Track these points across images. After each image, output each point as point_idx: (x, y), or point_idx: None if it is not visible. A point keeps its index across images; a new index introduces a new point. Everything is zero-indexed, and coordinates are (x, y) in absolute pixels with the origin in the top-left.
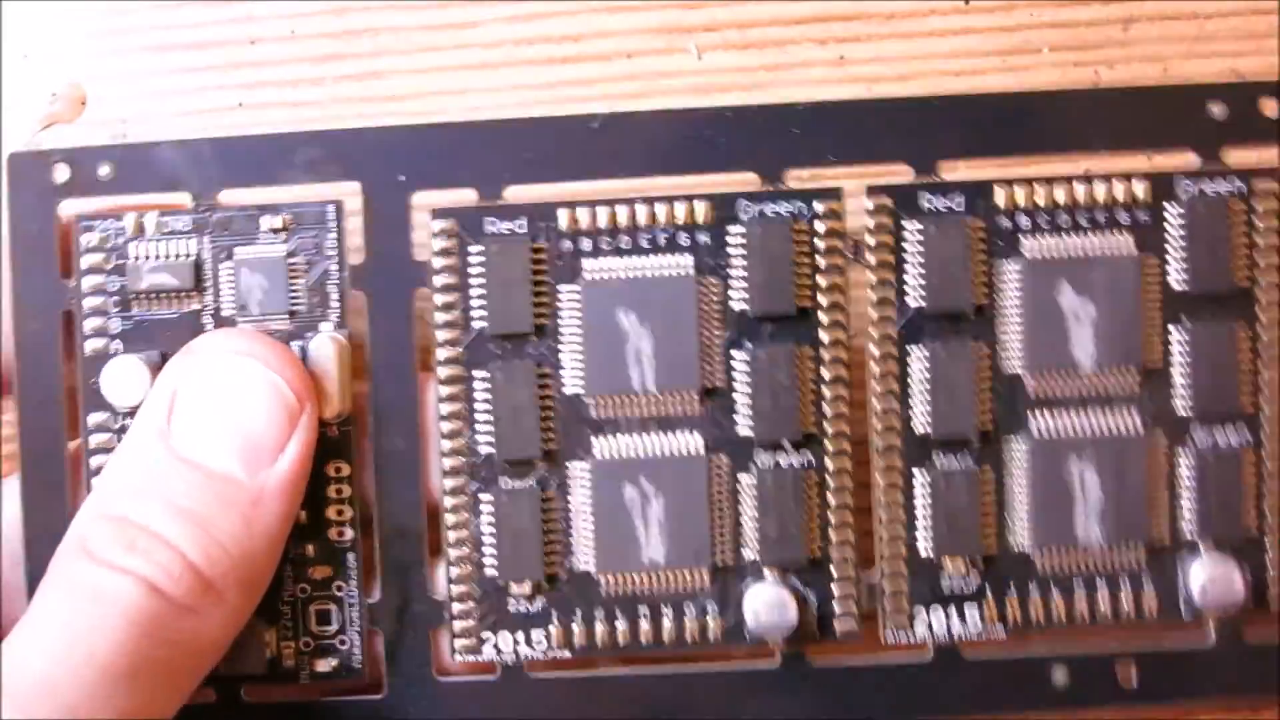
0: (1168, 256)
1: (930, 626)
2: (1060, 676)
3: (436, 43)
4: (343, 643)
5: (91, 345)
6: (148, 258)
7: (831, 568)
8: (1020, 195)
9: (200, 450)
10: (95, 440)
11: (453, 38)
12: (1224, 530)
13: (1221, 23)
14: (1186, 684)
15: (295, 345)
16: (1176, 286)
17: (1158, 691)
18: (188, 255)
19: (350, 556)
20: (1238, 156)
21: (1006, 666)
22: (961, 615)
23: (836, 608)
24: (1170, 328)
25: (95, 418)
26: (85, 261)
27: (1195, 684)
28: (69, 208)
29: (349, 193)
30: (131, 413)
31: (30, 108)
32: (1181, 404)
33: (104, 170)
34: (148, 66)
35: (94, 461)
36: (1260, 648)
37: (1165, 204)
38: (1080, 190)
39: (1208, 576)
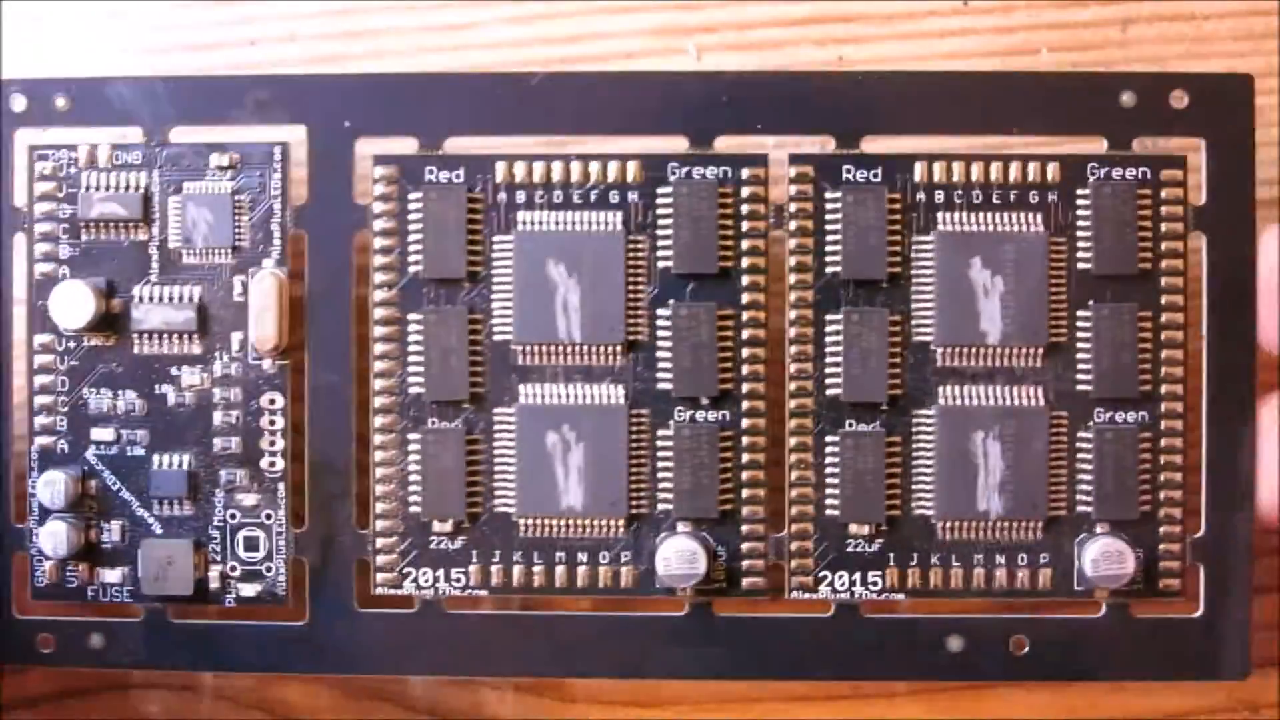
0: (1076, 238)
1: (833, 587)
2: (955, 644)
3: (436, 44)
4: (268, 569)
5: (41, 269)
6: (99, 187)
7: (742, 524)
8: (938, 171)
9: None
10: (39, 360)
11: (452, 39)
12: (1118, 508)
13: (1221, 23)
14: (1076, 658)
15: (238, 280)
16: (1083, 267)
17: (1047, 664)
18: (138, 187)
19: (280, 486)
20: (1146, 146)
21: (903, 629)
22: (864, 578)
23: (744, 563)
24: (1075, 308)
25: (40, 339)
26: (38, 189)
27: (1084, 659)
28: (24, 137)
29: (295, 136)
30: (77, 335)
31: None
32: (1083, 383)
33: (60, 102)
34: (148, 68)
35: (37, 380)
36: (1147, 623)
37: (1075, 188)
38: (995, 169)
39: (1100, 552)
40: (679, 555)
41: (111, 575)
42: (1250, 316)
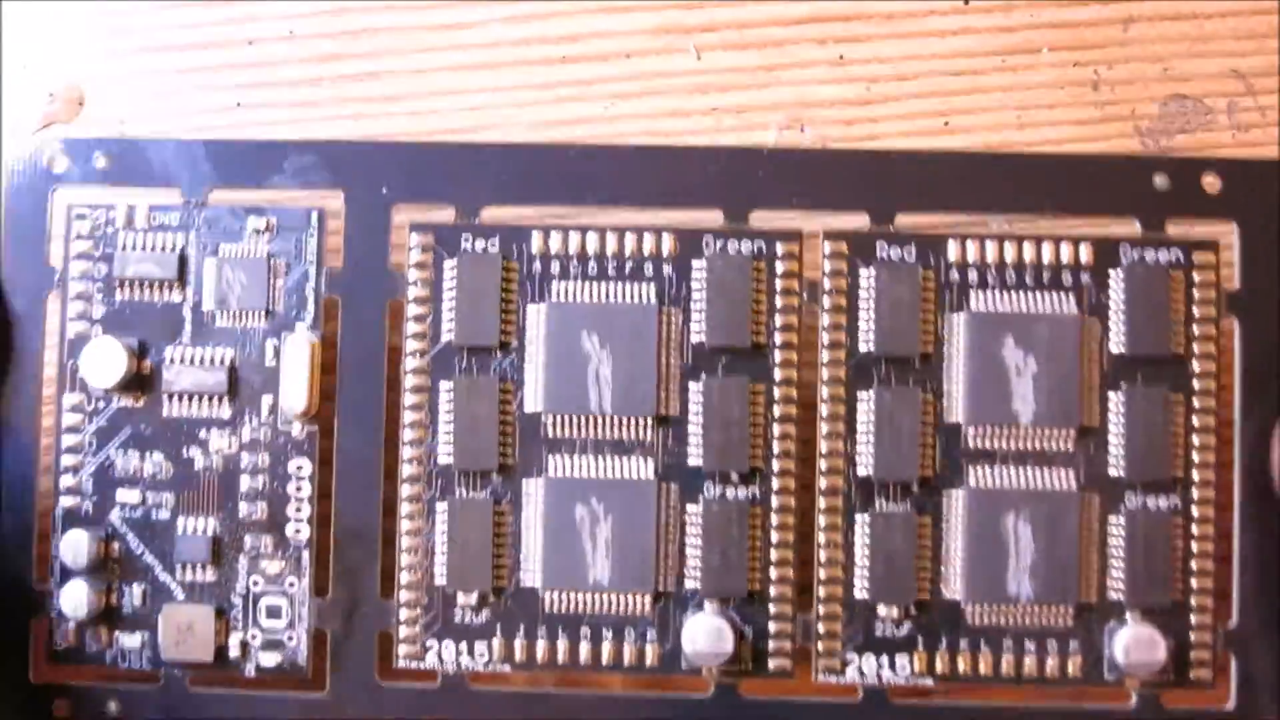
0: (1109, 320)
1: (861, 670)
2: None
3: (434, 43)
4: (290, 639)
5: (74, 329)
6: (135, 247)
7: (770, 604)
8: (971, 250)
9: None
10: (68, 420)
11: (451, 38)
12: (1150, 596)
13: (1221, 23)
14: None
15: (270, 343)
16: (1116, 350)
17: None
18: (174, 248)
19: (305, 554)
20: (1180, 229)
21: (932, 717)
22: (892, 663)
23: (771, 644)
24: (1108, 390)
25: (69, 399)
26: (75, 248)
27: None
28: (64, 196)
29: (333, 201)
30: (107, 395)
31: (29, 108)
32: (1115, 467)
33: (100, 161)
34: (146, 67)
35: (65, 441)
36: (1178, 715)
37: (1108, 269)
38: (1028, 249)
39: (1132, 639)
40: (706, 633)
41: (131, 640)
42: None
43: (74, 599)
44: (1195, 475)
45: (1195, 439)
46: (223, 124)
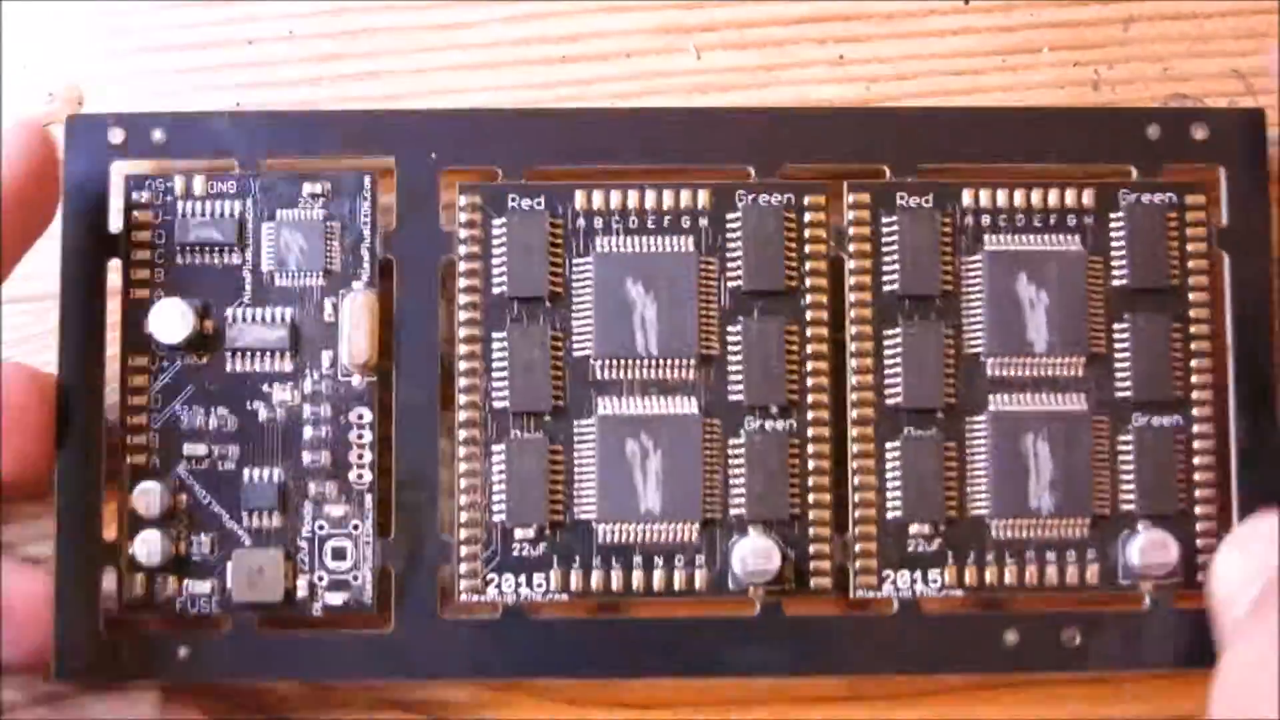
0: (1111, 257)
1: (895, 585)
2: (1011, 638)
3: (434, 43)
4: (355, 578)
5: (137, 293)
6: (195, 214)
7: (810, 527)
8: (984, 196)
9: None
10: (133, 381)
11: (450, 38)
12: (1158, 504)
13: (1221, 23)
14: (1125, 649)
15: (329, 301)
16: (1119, 283)
17: (1098, 655)
18: (232, 214)
19: (368, 498)
20: (1173, 173)
21: (962, 625)
22: (925, 577)
23: (812, 564)
24: (1113, 320)
25: (134, 360)
26: (135, 217)
27: (1133, 649)
28: (120, 168)
29: (384, 166)
30: (171, 354)
31: (29, 108)
32: (1122, 389)
33: (157, 135)
34: (146, 66)
35: (131, 400)
36: (1188, 614)
37: (1109, 211)
38: (1036, 195)
39: (1146, 542)
40: (755, 553)
41: (200, 586)
42: (1268, 330)
43: (147, 545)
44: (1194, 395)
45: (1193, 362)
46: None
